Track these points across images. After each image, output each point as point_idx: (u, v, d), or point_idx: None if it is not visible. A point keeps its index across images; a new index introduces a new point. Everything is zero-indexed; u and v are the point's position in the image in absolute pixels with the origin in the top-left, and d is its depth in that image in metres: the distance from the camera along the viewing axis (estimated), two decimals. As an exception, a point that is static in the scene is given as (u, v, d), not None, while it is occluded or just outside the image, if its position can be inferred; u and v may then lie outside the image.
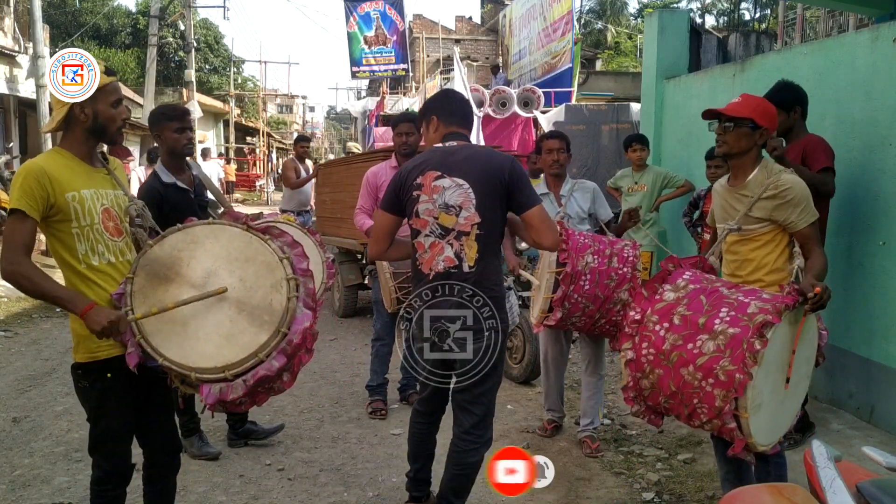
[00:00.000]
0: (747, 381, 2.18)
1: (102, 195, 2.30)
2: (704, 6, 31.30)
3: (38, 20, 10.83)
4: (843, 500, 1.56)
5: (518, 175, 2.62)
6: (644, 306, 2.51)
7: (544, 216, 2.62)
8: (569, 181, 4.03)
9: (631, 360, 2.48)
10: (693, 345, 2.32)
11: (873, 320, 4.00)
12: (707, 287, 2.47)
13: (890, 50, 3.92)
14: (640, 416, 2.60)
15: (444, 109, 2.82)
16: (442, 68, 20.14)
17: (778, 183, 2.61)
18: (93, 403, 2.30)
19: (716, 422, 2.28)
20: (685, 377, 2.31)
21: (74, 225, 2.21)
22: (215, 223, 2.39)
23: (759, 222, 2.69)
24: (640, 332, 2.48)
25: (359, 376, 4.95)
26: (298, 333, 2.21)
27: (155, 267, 2.25)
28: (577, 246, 3.34)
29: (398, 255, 2.89)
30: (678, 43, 6.66)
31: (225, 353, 2.14)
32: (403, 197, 2.70)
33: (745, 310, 2.29)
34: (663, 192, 6.02)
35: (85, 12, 28.51)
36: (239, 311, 2.21)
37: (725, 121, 2.71)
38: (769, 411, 2.34)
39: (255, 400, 2.26)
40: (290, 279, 2.25)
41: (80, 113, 2.25)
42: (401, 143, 4.25)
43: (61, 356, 5.70)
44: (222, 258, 2.28)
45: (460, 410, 2.76)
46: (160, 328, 2.17)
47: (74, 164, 2.27)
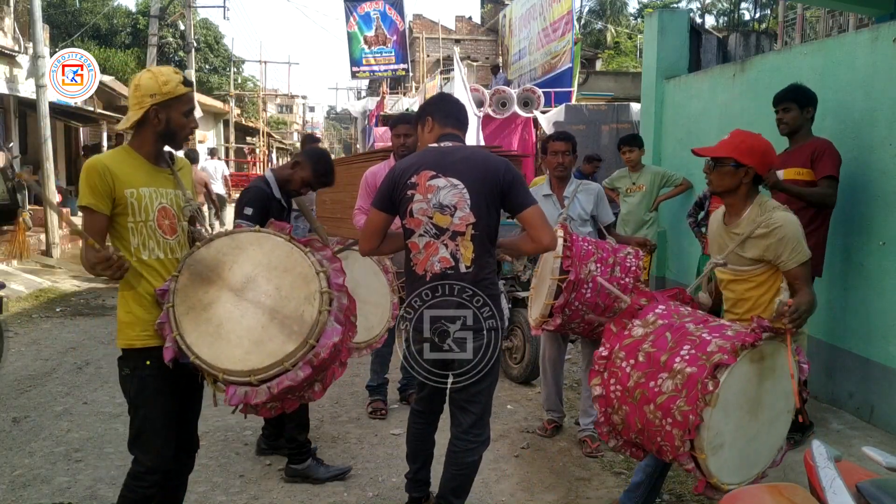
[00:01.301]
0: (698, 422, 2.14)
1: (162, 194, 2.41)
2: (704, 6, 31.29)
3: (38, 20, 10.82)
4: (843, 500, 1.56)
5: (513, 177, 2.64)
6: (613, 342, 2.49)
7: (541, 215, 2.63)
8: (573, 182, 4.03)
9: (600, 396, 2.48)
10: (654, 383, 2.29)
11: (873, 320, 4.00)
12: (675, 323, 2.42)
13: (890, 50, 3.92)
14: (620, 451, 2.59)
15: (440, 111, 2.82)
16: (442, 68, 20.15)
17: (770, 221, 2.57)
18: (133, 391, 2.39)
19: (678, 461, 2.26)
20: (648, 415, 2.30)
21: (130, 219, 2.33)
22: (261, 231, 2.44)
23: (753, 263, 2.65)
24: (608, 368, 2.47)
25: (359, 376, 4.94)
26: (327, 347, 2.25)
27: (199, 268, 2.33)
28: (580, 253, 3.32)
29: (391, 249, 2.90)
30: (678, 43, 6.67)
31: (252, 358, 2.21)
32: (397, 196, 2.70)
33: (706, 348, 2.25)
34: (662, 191, 6.02)
35: (85, 12, 28.50)
36: (271, 318, 2.26)
37: (710, 159, 2.70)
38: (736, 449, 2.28)
39: (284, 405, 2.35)
40: (324, 292, 2.29)
41: (154, 117, 2.36)
42: (399, 144, 4.22)
43: (61, 356, 5.70)
44: (262, 265, 2.34)
45: (458, 410, 2.77)
46: (196, 327, 2.25)
47: (139, 163, 2.39)
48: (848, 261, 4.14)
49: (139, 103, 2.35)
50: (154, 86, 2.34)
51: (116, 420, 4.23)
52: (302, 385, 2.26)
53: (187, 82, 2.42)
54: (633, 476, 2.96)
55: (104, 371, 5.28)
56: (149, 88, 2.33)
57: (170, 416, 2.43)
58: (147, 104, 2.34)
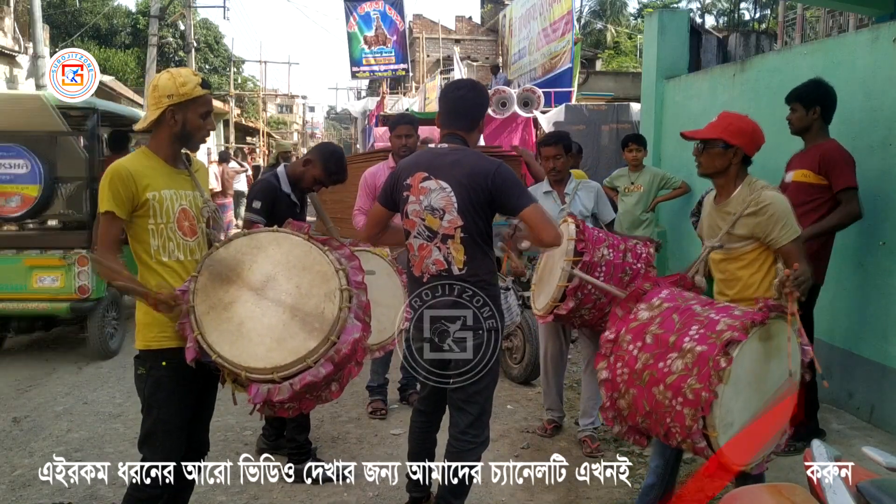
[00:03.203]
0: (712, 399, 2.15)
1: (181, 196, 2.43)
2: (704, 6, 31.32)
3: (38, 20, 10.84)
4: (843, 500, 1.56)
5: (503, 180, 2.58)
6: (619, 326, 2.49)
7: (541, 213, 2.59)
8: (573, 180, 4.02)
9: (606, 380, 2.47)
10: (663, 363, 2.29)
11: (873, 320, 4.00)
12: (681, 305, 2.44)
13: (890, 50, 3.92)
14: (624, 438, 2.58)
15: (441, 109, 2.80)
16: (442, 68, 20.15)
17: (759, 199, 2.60)
18: (147, 391, 2.39)
19: (689, 441, 2.26)
20: (657, 396, 2.30)
21: (151, 222, 2.35)
22: (279, 231, 2.45)
23: (742, 240, 2.67)
24: (614, 352, 2.47)
25: (359, 376, 4.94)
26: (347, 344, 2.27)
27: (218, 268, 2.33)
28: (592, 238, 3.32)
29: (391, 241, 2.92)
30: (678, 43, 6.66)
31: (274, 355, 2.22)
32: (397, 195, 2.72)
33: (714, 327, 2.27)
34: (660, 193, 6.01)
35: (85, 12, 28.48)
36: (292, 316, 2.28)
37: (699, 142, 2.74)
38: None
39: (301, 406, 2.37)
40: (344, 290, 2.31)
41: (171, 118, 2.36)
42: (399, 144, 4.20)
43: (61, 356, 5.70)
44: (282, 264, 2.36)
45: (456, 410, 2.77)
46: (217, 326, 2.26)
47: (158, 165, 2.40)
48: (848, 261, 4.14)
49: (156, 104, 2.35)
50: (172, 86, 2.33)
51: (116, 420, 4.23)
52: (322, 382, 2.26)
53: (205, 84, 2.42)
54: (646, 479, 2.96)
55: (104, 371, 5.28)
56: (166, 89, 2.33)
57: (182, 419, 2.43)
58: (164, 105, 2.34)
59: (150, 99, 2.38)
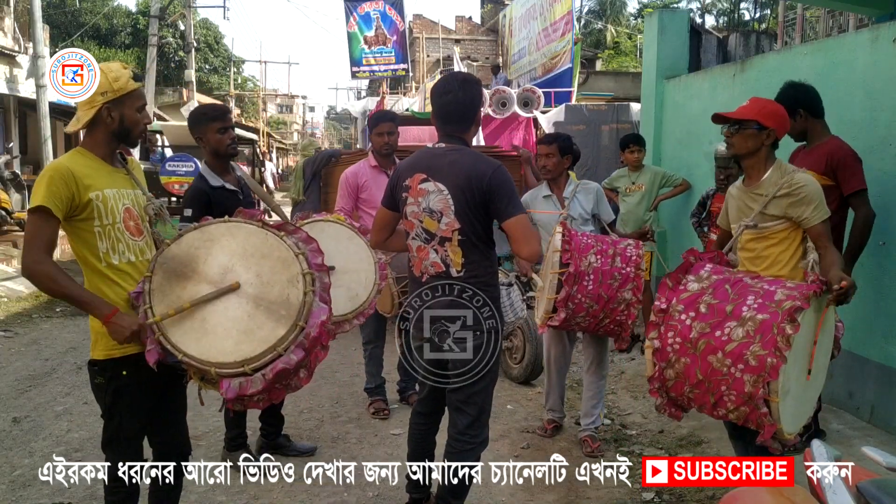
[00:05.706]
0: (781, 364, 2.21)
1: (124, 195, 2.35)
2: (704, 6, 31.31)
3: (38, 20, 10.83)
4: (843, 500, 1.56)
5: (498, 184, 2.54)
6: (669, 296, 2.55)
7: (523, 226, 2.55)
8: (572, 182, 4.01)
9: (657, 350, 2.50)
10: (721, 332, 2.35)
11: (873, 320, 3.99)
12: (731, 277, 2.52)
13: (890, 50, 3.92)
14: (662, 411, 2.61)
15: (433, 113, 2.75)
16: (442, 68, 20.14)
17: (792, 182, 2.71)
18: (107, 400, 2.33)
19: (743, 409, 2.30)
20: (713, 364, 2.34)
21: (97, 224, 2.25)
22: (231, 221, 2.40)
23: (774, 219, 2.77)
24: (665, 322, 2.51)
25: (359, 376, 4.94)
26: (316, 327, 2.24)
27: (172, 265, 2.27)
28: (579, 246, 3.35)
29: (401, 245, 2.85)
30: (678, 43, 6.66)
31: (244, 347, 2.17)
32: (397, 196, 2.72)
33: (773, 297, 2.35)
34: (661, 192, 6.01)
35: (85, 12, 28.47)
36: (256, 306, 2.23)
37: (732, 124, 2.82)
38: (795, 397, 2.38)
39: (271, 396, 2.29)
40: (307, 274, 2.27)
41: (107, 116, 2.30)
42: (382, 143, 4.15)
43: (61, 356, 5.70)
44: (238, 255, 2.30)
45: (454, 411, 2.76)
46: (179, 325, 2.20)
47: (97, 164, 2.33)
48: (848, 261, 4.13)
49: (90, 102, 2.28)
50: (105, 83, 2.27)
51: (116, 420, 4.23)
52: (293, 370, 2.22)
53: (137, 77, 2.36)
54: None
55: (104, 371, 5.28)
56: (99, 87, 2.27)
57: (143, 424, 2.39)
58: (99, 103, 2.27)
59: (82, 100, 2.29)
